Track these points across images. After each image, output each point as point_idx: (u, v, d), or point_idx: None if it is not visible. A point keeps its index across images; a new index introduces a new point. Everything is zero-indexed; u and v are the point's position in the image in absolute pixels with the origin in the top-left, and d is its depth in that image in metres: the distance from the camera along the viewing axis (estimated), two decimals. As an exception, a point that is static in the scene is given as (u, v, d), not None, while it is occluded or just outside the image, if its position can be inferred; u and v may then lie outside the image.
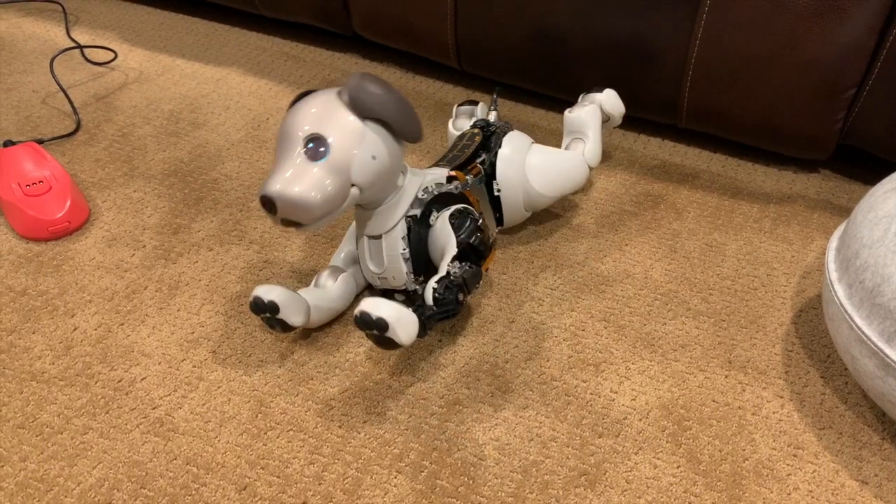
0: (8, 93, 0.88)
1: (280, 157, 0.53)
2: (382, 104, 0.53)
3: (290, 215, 0.52)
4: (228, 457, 0.53)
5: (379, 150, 0.54)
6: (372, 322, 0.51)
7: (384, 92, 0.53)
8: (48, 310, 0.63)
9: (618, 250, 0.69)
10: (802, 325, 0.63)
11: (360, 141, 0.53)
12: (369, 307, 0.51)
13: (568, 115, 0.71)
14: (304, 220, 0.52)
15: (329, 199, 0.52)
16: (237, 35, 1.00)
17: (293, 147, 0.52)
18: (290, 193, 0.51)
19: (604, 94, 0.72)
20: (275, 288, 0.57)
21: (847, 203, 0.76)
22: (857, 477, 0.53)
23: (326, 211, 0.52)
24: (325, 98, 0.54)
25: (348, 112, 0.53)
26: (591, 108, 0.71)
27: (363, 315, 0.51)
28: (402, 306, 0.52)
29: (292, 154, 0.52)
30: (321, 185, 0.51)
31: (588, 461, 0.53)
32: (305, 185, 0.51)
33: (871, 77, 0.69)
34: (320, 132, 0.52)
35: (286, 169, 0.52)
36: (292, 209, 0.51)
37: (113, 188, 0.75)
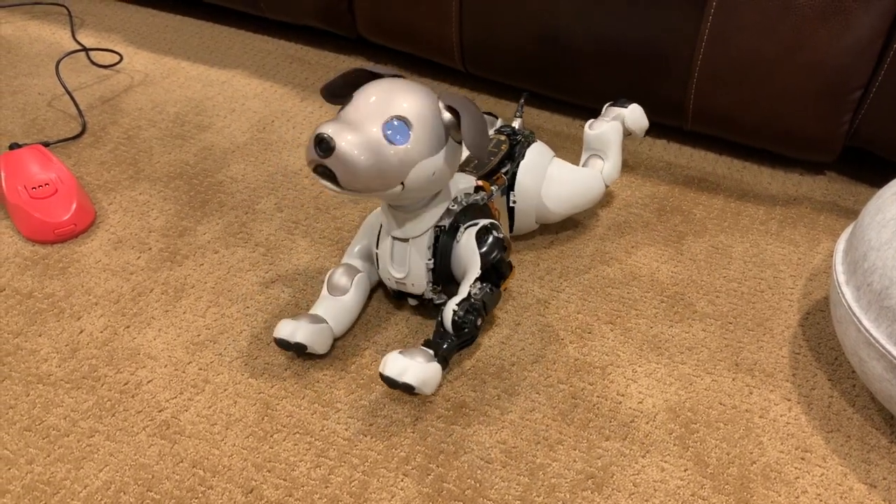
0: (14, 95, 0.88)
1: (356, 113, 0.51)
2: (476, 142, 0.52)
3: (335, 167, 0.50)
4: (235, 460, 0.53)
5: (441, 170, 0.54)
6: (398, 385, 0.53)
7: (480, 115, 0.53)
8: (54, 312, 0.63)
9: (624, 252, 0.69)
10: (810, 327, 0.63)
11: (433, 154, 0.52)
12: (393, 373, 0.53)
13: (588, 132, 0.69)
14: (342, 178, 0.50)
15: (379, 179, 0.51)
16: (242, 38, 1.00)
17: (377, 113, 0.51)
18: (351, 149, 0.49)
19: (628, 109, 0.70)
20: (299, 326, 0.57)
21: (854, 205, 0.75)
22: (866, 480, 0.53)
23: (366, 187, 0.51)
24: (427, 96, 0.53)
25: (441, 124, 0.53)
26: (613, 125, 0.69)
27: (389, 379, 0.53)
28: (424, 360, 0.54)
29: (373, 118, 0.51)
30: (381, 162, 0.51)
31: (595, 464, 0.53)
32: (370, 152, 0.50)
33: (878, 79, 0.69)
34: (411, 120, 0.51)
35: (360, 127, 0.51)
36: (342, 164, 0.50)
37: (119, 191, 0.75)
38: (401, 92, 0.52)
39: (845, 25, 0.66)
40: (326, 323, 0.58)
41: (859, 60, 0.68)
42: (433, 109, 0.53)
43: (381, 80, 0.54)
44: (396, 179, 0.52)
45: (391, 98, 0.52)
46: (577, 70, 0.80)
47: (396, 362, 0.53)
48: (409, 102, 0.52)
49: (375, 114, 0.51)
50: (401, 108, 0.51)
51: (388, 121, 0.51)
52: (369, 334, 0.62)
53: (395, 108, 0.51)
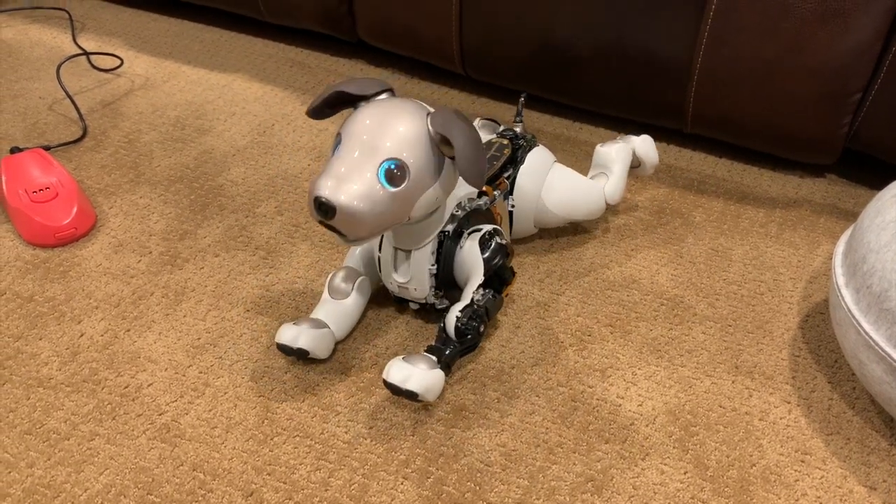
0: (15, 99, 0.88)
1: (348, 163, 0.50)
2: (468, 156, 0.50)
3: (339, 225, 0.50)
4: (235, 463, 0.53)
5: (444, 191, 0.53)
6: (402, 392, 0.53)
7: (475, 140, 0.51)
8: (55, 316, 0.63)
9: (623, 255, 0.69)
10: (809, 330, 0.63)
11: (434, 181, 0.52)
12: (397, 380, 0.53)
13: (598, 148, 0.69)
14: (349, 234, 0.50)
15: (384, 225, 0.51)
16: (242, 42, 1.00)
17: (370, 161, 0.50)
18: (354, 207, 0.49)
19: (640, 138, 0.70)
20: (301, 332, 0.57)
21: (853, 207, 0.75)
22: (866, 483, 0.53)
23: (373, 232, 0.51)
24: (414, 121, 0.51)
25: (433, 146, 0.51)
26: (621, 146, 0.69)
27: (393, 386, 0.53)
28: (427, 367, 0.54)
29: (367, 167, 0.50)
30: (384, 208, 0.50)
31: (595, 467, 0.53)
32: (370, 203, 0.49)
33: (877, 82, 0.69)
34: (405, 160, 0.50)
35: (354, 178, 0.49)
36: (346, 222, 0.49)
37: (119, 194, 0.75)
38: (389, 126, 0.50)
39: (845, 28, 0.66)
40: (328, 328, 0.58)
41: (859, 63, 0.68)
42: (423, 137, 0.51)
43: (367, 108, 0.52)
44: (402, 218, 0.52)
45: (381, 136, 0.50)
46: (577, 73, 0.80)
47: (400, 369, 0.53)
48: (399, 139, 0.50)
49: (367, 158, 0.50)
50: (392, 150, 0.50)
51: (381, 164, 0.50)
52: (370, 338, 0.62)
53: (386, 151, 0.50)
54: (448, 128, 0.50)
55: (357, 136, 0.51)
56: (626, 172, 0.69)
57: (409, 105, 0.52)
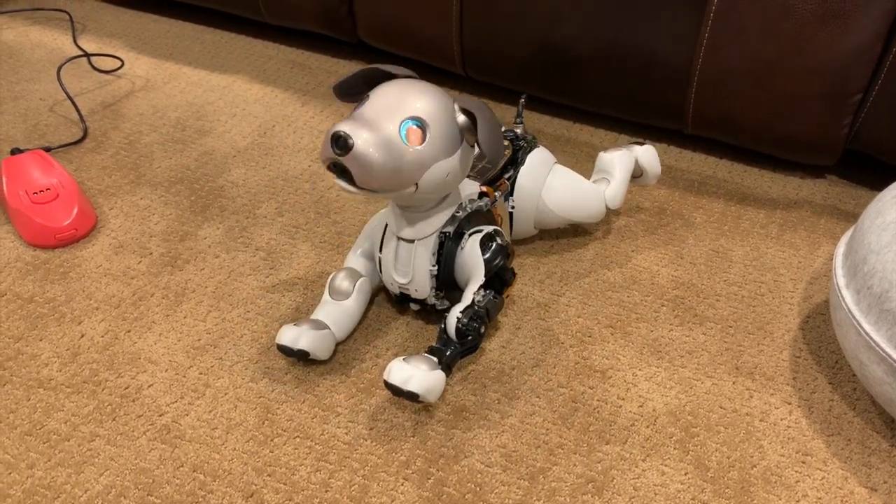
0: (15, 101, 0.88)
1: (373, 112, 0.51)
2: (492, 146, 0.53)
3: (351, 166, 0.50)
4: (235, 464, 0.53)
5: (455, 172, 0.54)
6: (403, 393, 0.53)
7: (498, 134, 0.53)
8: (55, 317, 0.63)
9: (624, 256, 0.69)
10: (810, 331, 0.63)
11: (448, 156, 0.53)
12: (398, 380, 0.53)
13: (601, 154, 0.69)
14: (358, 176, 0.50)
15: (394, 180, 0.51)
16: (243, 43, 1.00)
17: (394, 114, 0.51)
18: (369, 149, 0.49)
19: (643, 147, 0.70)
20: (302, 333, 0.57)
21: (854, 208, 0.75)
22: (867, 484, 0.53)
23: (381, 185, 0.51)
24: (443, 98, 0.53)
25: (456, 126, 0.53)
26: (623, 153, 0.69)
27: (394, 387, 0.53)
28: (428, 368, 0.53)
29: (390, 119, 0.51)
30: (397, 161, 0.51)
31: (595, 468, 0.53)
32: (386, 151, 0.50)
33: (877, 82, 0.69)
34: (427, 122, 0.52)
35: (378, 127, 0.50)
36: (359, 163, 0.50)
37: (120, 195, 0.75)
38: (417, 93, 0.53)
39: (845, 29, 0.66)
40: (329, 329, 0.58)
41: (859, 64, 0.68)
42: (449, 111, 0.53)
43: (397, 80, 0.54)
44: (411, 180, 0.52)
45: (407, 98, 0.52)
46: (578, 74, 0.80)
47: (401, 370, 0.53)
48: (424, 103, 0.52)
49: (392, 113, 0.51)
50: (417, 109, 0.52)
51: (404, 121, 0.51)
52: (370, 339, 0.62)
53: (411, 109, 0.52)
54: (470, 104, 0.53)
55: (385, 94, 0.53)
56: (627, 178, 0.69)
57: (436, 87, 0.55)
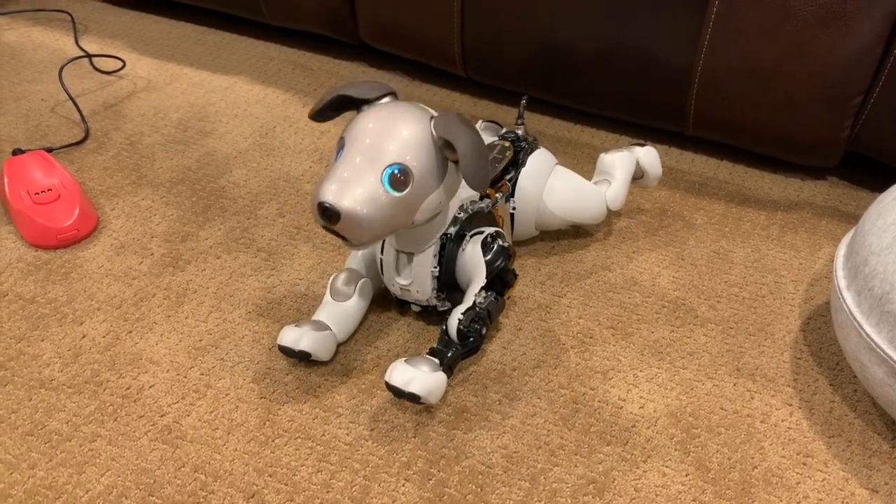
0: (17, 101, 0.88)
1: (352, 167, 0.50)
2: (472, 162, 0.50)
3: (343, 231, 0.50)
4: (236, 464, 0.53)
5: (448, 194, 0.53)
6: (404, 395, 0.53)
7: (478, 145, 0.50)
8: (57, 317, 0.63)
9: (625, 258, 0.69)
10: (811, 332, 0.63)
11: (438, 185, 0.52)
12: (400, 382, 0.53)
13: (602, 156, 0.69)
14: (354, 239, 0.50)
15: (388, 229, 0.51)
16: (245, 44, 1.00)
17: (374, 163, 0.50)
18: (358, 213, 0.49)
19: (644, 148, 0.70)
20: (303, 334, 0.57)
21: (855, 210, 0.75)
22: (867, 485, 0.53)
23: (379, 237, 0.51)
24: (418, 125, 0.51)
25: (437, 150, 0.51)
26: (624, 154, 0.69)
27: (395, 388, 0.53)
28: (429, 369, 0.54)
29: (371, 172, 0.50)
30: (387, 213, 0.50)
31: (596, 469, 0.53)
32: (374, 208, 0.49)
33: (878, 84, 0.69)
34: (409, 165, 0.50)
35: (358, 183, 0.49)
36: (350, 228, 0.49)
37: (121, 196, 0.75)
38: (393, 131, 0.50)
39: (846, 31, 0.66)
40: (330, 330, 0.58)
41: (860, 66, 0.68)
42: (427, 141, 0.51)
43: (369, 112, 0.52)
44: (406, 222, 0.52)
45: (384, 141, 0.50)
46: (579, 75, 0.80)
47: (402, 372, 0.53)
48: (402, 143, 0.50)
49: (371, 164, 0.50)
50: (396, 154, 0.50)
51: (385, 169, 0.50)
52: (371, 339, 0.62)
53: (390, 155, 0.50)
54: (451, 132, 0.50)
55: (360, 140, 0.51)
56: (628, 180, 0.69)
57: (412, 109, 0.52)
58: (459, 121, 0.51)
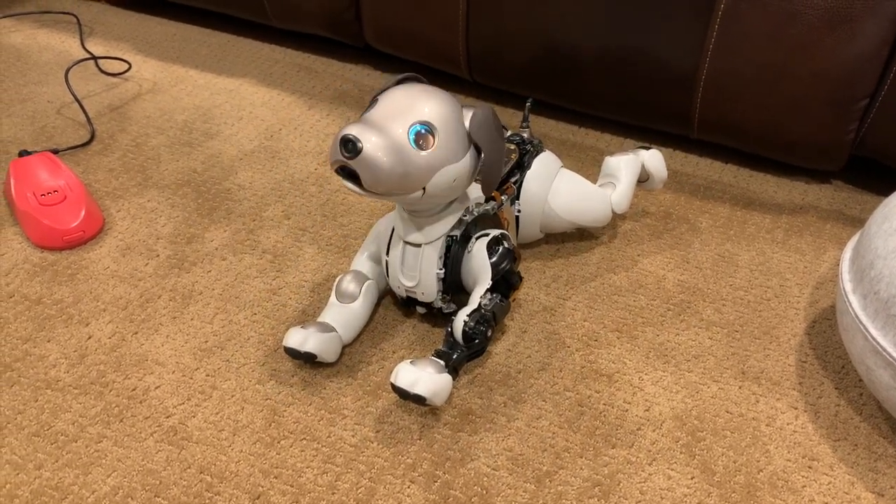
0: (23, 103, 0.88)
1: (382, 115, 0.51)
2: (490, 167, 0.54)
3: (360, 168, 0.50)
4: (242, 465, 0.53)
5: (462, 177, 0.54)
6: (409, 396, 0.53)
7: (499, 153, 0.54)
8: (63, 318, 0.63)
9: (630, 260, 0.69)
10: (816, 335, 0.63)
11: (456, 161, 0.53)
12: (405, 383, 0.53)
13: (608, 158, 0.69)
14: (366, 180, 0.50)
15: (402, 183, 0.51)
16: (250, 46, 1.00)
17: (403, 118, 0.51)
18: (377, 153, 0.49)
19: (649, 151, 0.71)
20: (309, 336, 0.57)
21: (860, 214, 0.75)
22: (873, 489, 0.53)
23: (389, 189, 0.51)
24: (452, 104, 0.53)
25: (464, 132, 0.53)
26: (630, 157, 0.69)
27: (401, 390, 0.53)
28: (435, 371, 0.54)
29: (399, 123, 0.51)
30: (406, 165, 0.51)
31: (602, 472, 0.53)
32: (395, 155, 0.50)
33: (884, 88, 0.69)
34: (436, 126, 0.52)
35: (386, 130, 0.51)
36: (367, 166, 0.50)
37: (127, 198, 0.76)
38: (426, 97, 0.53)
39: (851, 34, 0.66)
40: (335, 331, 0.59)
41: (865, 69, 0.68)
42: (457, 116, 0.53)
43: (407, 84, 0.54)
44: (419, 184, 0.52)
45: (416, 103, 0.52)
46: (584, 79, 0.80)
47: (408, 373, 0.53)
48: (433, 108, 0.52)
49: (401, 117, 0.51)
50: (426, 114, 0.52)
51: (412, 125, 0.51)
52: (377, 341, 0.62)
53: (420, 113, 0.52)
54: (481, 134, 0.53)
55: (394, 99, 0.53)
56: (633, 183, 0.69)
57: (445, 92, 0.55)
58: (494, 126, 0.54)
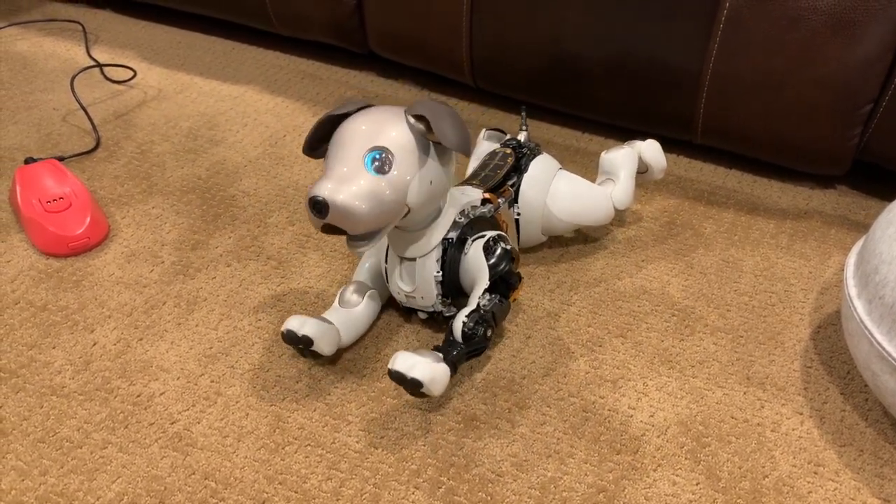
0: (29, 111, 0.89)
1: (336, 163, 0.52)
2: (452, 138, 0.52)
3: (338, 222, 0.51)
4: (246, 472, 0.53)
5: (437, 176, 0.54)
6: (406, 381, 0.53)
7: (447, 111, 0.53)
8: (68, 325, 0.64)
9: (634, 266, 0.69)
10: (821, 341, 0.63)
11: (423, 164, 0.53)
12: (403, 367, 0.53)
13: (603, 155, 0.70)
14: (350, 229, 0.51)
15: (383, 214, 0.52)
16: (254, 53, 1.01)
17: (355, 155, 0.52)
18: (344, 200, 0.50)
19: (646, 142, 0.71)
20: (307, 321, 0.57)
21: (864, 219, 0.75)
22: (879, 495, 0.52)
23: (376, 225, 0.52)
24: (391, 114, 0.54)
25: (412, 132, 0.53)
26: (626, 151, 0.69)
27: (398, 374, 0.53)
28: (433, 360, 0.53)
29: (353, 162, 0.51)
30: (379, 197, 0.51)
31: (606, 478, 0.53)
32: (363, 193, 0.51)
33: (888, 93, 0.69)
34: (387, 147, 0.52)
35: (345, 176, 0.51)
36: (342, 216, 0.50)
37: (132, 204, 0.76)
38: (368, 123, 0.53)
39: (855, 39, 0.66)
40: (335, 326, 0.59)
41: (869, 74, 0.68)
42: (403, 126, 0.53)
43: (347, 120, 0.54)
44: (400, 206, 0.52)
45: (359, 133, 0.53)
46: (587, 85, 0.80)
47: (406, 358, 0.53)
48: (377, 130, 0.52)
49: (351, 155, 0.52)
50: (375, 140, 0.52)
51: (365, 155, 0.52)
52: (380, 347, 0.62)
53: (367, 141, 0.52)
54: (420, 107, 0.53)
55: (340, 141, 0.53)
56: (633, 177, 0.69)
57: (385, 106, 0.55)
58: (428, 100, 0.54)
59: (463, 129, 0.53)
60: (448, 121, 0.52)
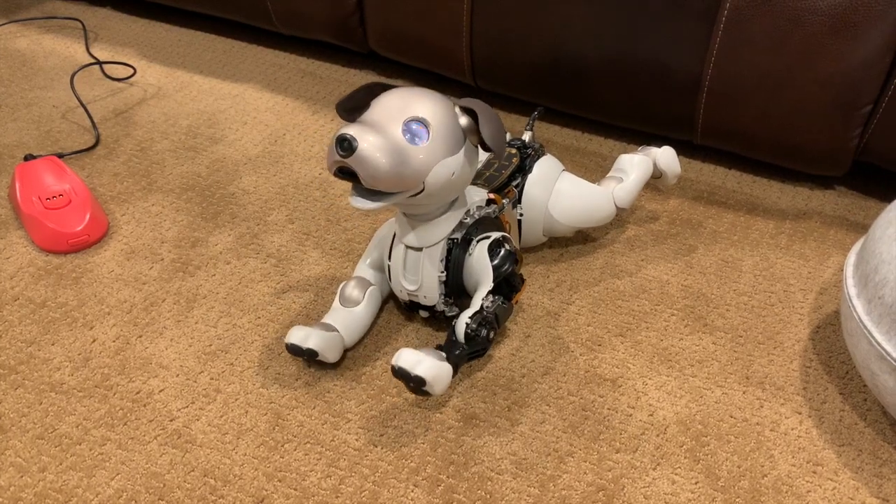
0: (29, 108, 0.89)
1: (374, 118, 0.52)
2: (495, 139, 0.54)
3: (356, 165, 0.50)
4: (246, 469, 0.53)
5: (460, 172, 0.54)
6: (410, 378, 0.53)
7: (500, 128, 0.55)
8: (67, 322, 0.63)
9: (634, 265, 0.69)
10: (820, 341, 0.63)
11: (452, 154, 0.54)
12: (407, 364, 0.53)
13: (622, 155, 0.70)
14: (364, 177, 0.51)
15: (400, 178, 0.52)
16: (254, 52, 1.01)
17: (394, 117, 0.52)
18: (372, 144, 0.50)
19: (661, 149, 0.71)
20: (311, 333, 0.57)
21: (863, 219, 0.75)
22: (878, 494, 0.52)
23: (387, 186, 0.52)
24: (443, 100, 0.55)
25: (455, 121, 0.54)
26: (642, 157, 0.70)
27: (402, 370, 0.53)
28: (437, 359, 0.53)
29: (391, 122, 0.52)
30: (402, 161, 0.51)
31: (606, 476, 0.53)
32: (390, 152, 0.51)
33: (888, 93, 0.69)
34: (428, 121, 0.53)
35: (379, 128, 0.51)
36: (363, 161, 0.50)
37: (132, 202, 0.76)
38: (418, 96, 0.54)
39: (855, 40, 0.66)
40: (338, 332, 0.59)
41: (869, 75, 0.68)
42: (449, 111, 0.54)
43: (398, 88, 0.55)
44: (417, 179, 0.52)
45: (409, 102, 0.53)
46: (588, 84, 0.80)
47: (410, 355, 0.53)
48: (425, 104, 0.53)
49: (394, 116, 0.52)
50: (418, 110, 0.53)
51: (407, 122, 0.52)
52: (380, 345, 0.62)
53: (413, 111, 0.53)
54: (471, 102, 0.55)
55: (387, 101, 0.54)
56: (641, 182, 0.69)
57: (436, 92, 0.56)
58: (478, 100, 0.55)
59: (503, 134, 0.55)
60: (495, 122, 0.55)
